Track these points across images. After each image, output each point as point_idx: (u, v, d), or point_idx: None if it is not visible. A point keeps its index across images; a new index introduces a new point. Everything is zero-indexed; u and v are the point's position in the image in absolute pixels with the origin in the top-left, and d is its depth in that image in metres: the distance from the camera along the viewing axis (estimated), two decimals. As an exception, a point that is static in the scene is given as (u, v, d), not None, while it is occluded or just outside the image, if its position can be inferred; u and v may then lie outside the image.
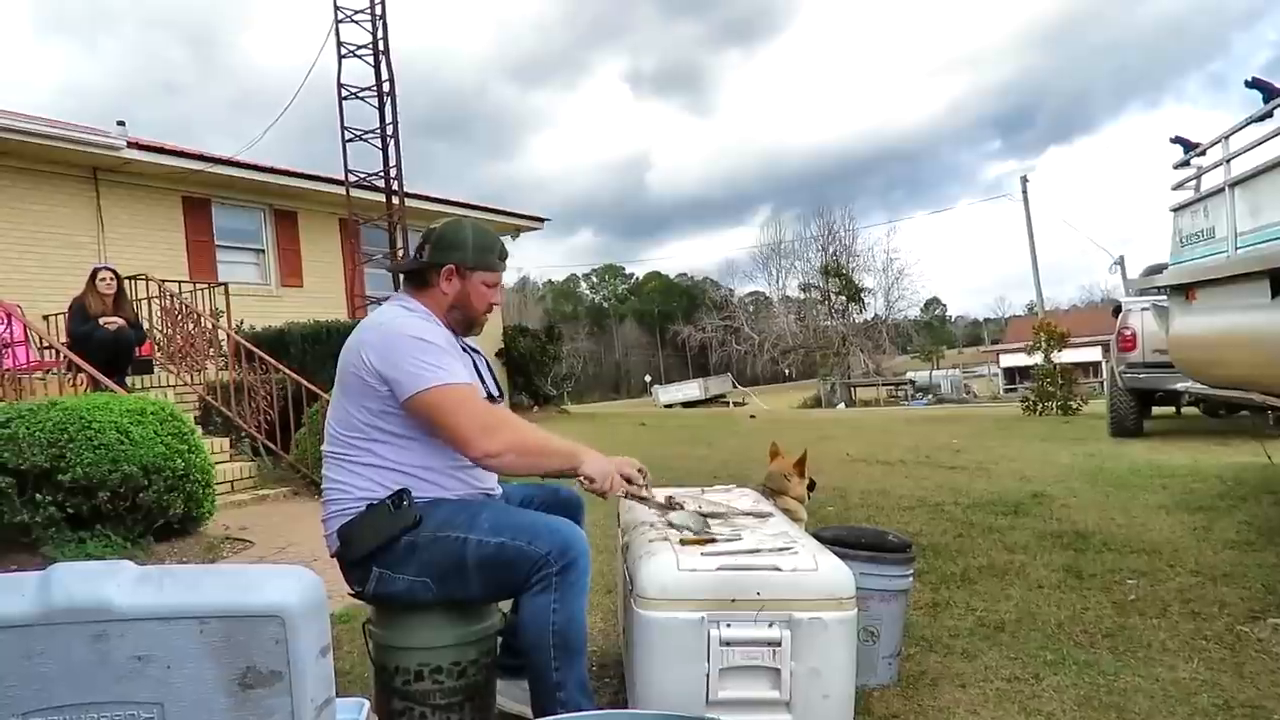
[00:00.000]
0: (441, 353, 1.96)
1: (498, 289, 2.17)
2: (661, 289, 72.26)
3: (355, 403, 2.00)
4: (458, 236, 2.10)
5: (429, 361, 1.93)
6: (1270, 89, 3.76)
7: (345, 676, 2.64)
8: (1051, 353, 12.94)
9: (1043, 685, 2.42)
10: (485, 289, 2.12)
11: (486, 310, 2.15)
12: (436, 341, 1.98)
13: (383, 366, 1.94)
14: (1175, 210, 4.67)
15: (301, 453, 7.14)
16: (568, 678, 1.88)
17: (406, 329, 1.98)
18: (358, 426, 2.00)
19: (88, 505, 4.50)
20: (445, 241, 2.10)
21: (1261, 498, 4.84)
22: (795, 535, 2.11)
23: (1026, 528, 4.35)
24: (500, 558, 1.89)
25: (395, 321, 2.01)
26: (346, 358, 2.03)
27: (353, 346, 2.02)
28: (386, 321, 2.03)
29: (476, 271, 2.10)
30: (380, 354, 1.95)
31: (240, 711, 1.23)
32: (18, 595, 1.21)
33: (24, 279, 8.95)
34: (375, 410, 1.98)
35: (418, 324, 2.01)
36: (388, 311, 2.09)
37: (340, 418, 2.04)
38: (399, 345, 1.95)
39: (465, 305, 2.11)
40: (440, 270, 2.09)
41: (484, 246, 2.12)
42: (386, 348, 1.95)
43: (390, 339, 1.97)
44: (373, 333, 2.01)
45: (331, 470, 2.05)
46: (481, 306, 2.14)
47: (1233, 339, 3.92)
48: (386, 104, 11.10)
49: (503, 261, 2.17)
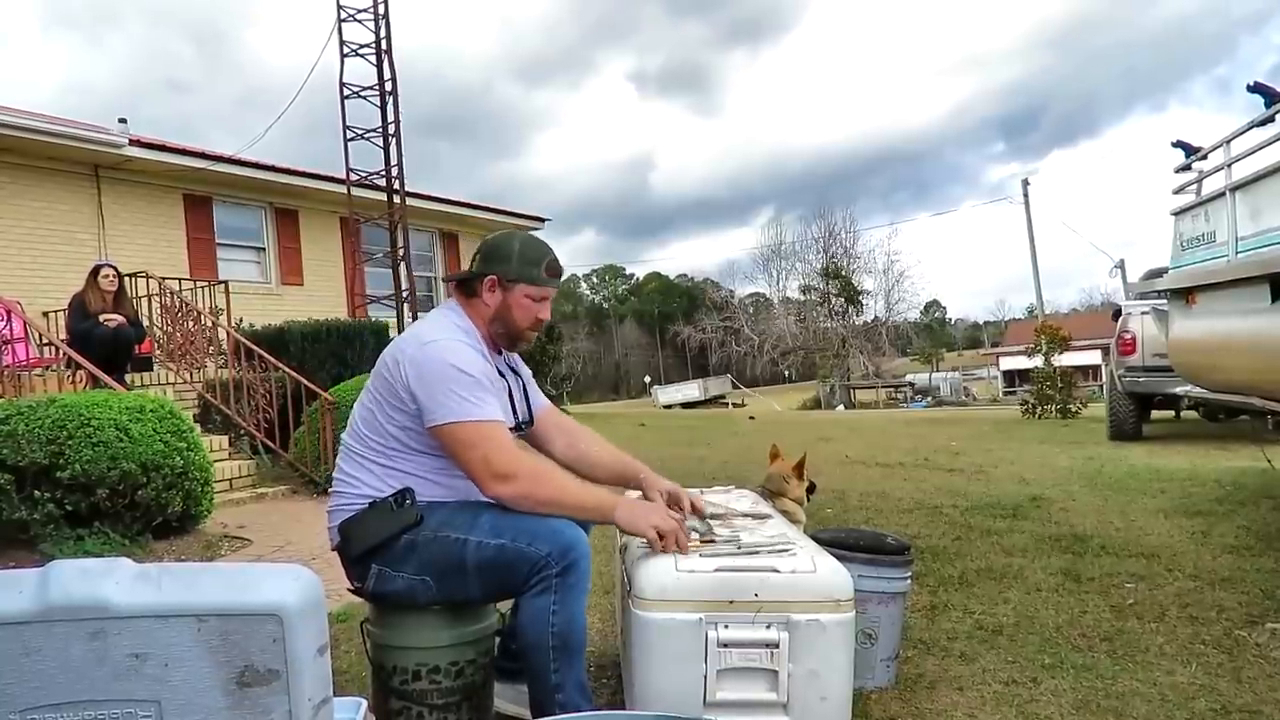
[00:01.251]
0: (476, 385, 1.93)
1: (545, 303, 2.10)
2: (661, 289, 72.29)
3: (383, 408, 2.00)
4: (504, 248, 2.08)
5: (462, 394, 1.91)
6: (1272, 93, 3.76)
7: (343, 676, 2.63)
8: (1051, 356, 12.94)
9: (1040, 689, 2.42)
10: (529, 303, 2.07)
11: (531, 325, 2.11)
12: (473, 373, 1.94)
13: (416, 387, 1.93)
14: (1176, 214, 4.67)
15: (300, 451, 7.14)
16: (566, 679, 1.88)
17: (448, 355, 1.94)
18: (382, 431, 2.00)
19: (86, 503, 4.49)
20: (491, 252, 2.08)
21: (1260, 502, 4.84)
22: (794, 537, 2.11)
23: (1025, 531, 4.35)
24: (500, 559, 1.89)
25: (440, 343, 1.96)
26: (386, 362, 2.01)
27: (394, 354, 2.00)
28: (431, 340, 1.98)
29: (519, 284, 2.06)
30: (417, 374, 1.93)
31: (238, 710, 1.23)
32: (15, 593, 1.21)
33: (24, 275, 8.96)
34: (400, 423, 1.98)
35: (461, 351, 1.96)
36: (437, 326, 2.05)
37: (366, 417, 2.04)
38: (437, 371, 1.92)
39: (506, 318, 2.08)
40: (484, 281, 2.07)
41: (529, 259, 2.06)
42: (424, 370, 1.93)
43: (430, 363, 1.94)
44: (416, 349, 1.97)
45: (346, 463, 2.06)
46: (524, 321, 2.09)
47: (1233, 343, 3.92)
48: (388, 103, 11.10)
49: (553, 276, 2.10)
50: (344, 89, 11.08)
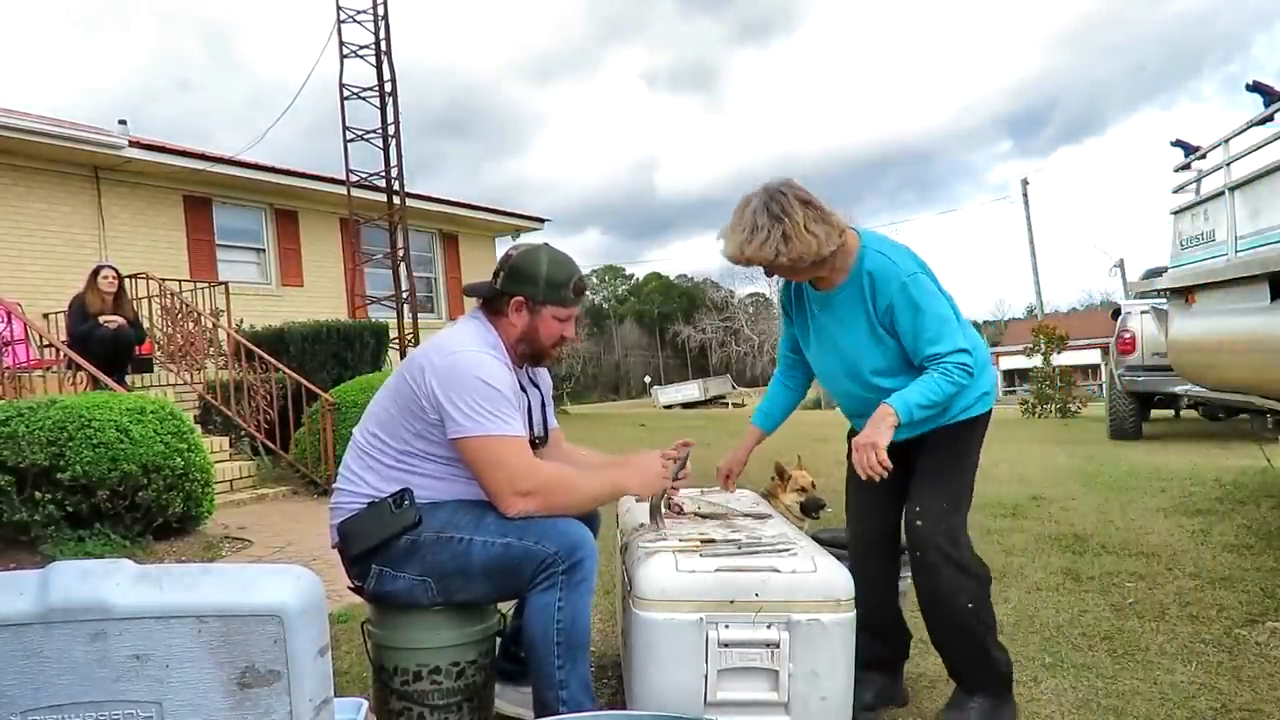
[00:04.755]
0: (503, 400, 1.93)
1: (570, 322, 2.12)
2: (661, 290, 72.23)
3: (402, 414, 1.99)
4: (531, 269, 2.05)
5: (487, 409, 1.90)
6: (1271, 92, 3.76)
7: (344, 676, 2.64)
8: (1050, 355, 12.95)
9: (1041, 688, 2.42)
10: (555, 323, 2.08)
11: (556, 344, 2.12)
12: (500, 388, 1.94)
13: (442, 398, 1.91)
14: (1175, 213, 4.68)
15: (301, 452, 7.14)
16: (571, 677, 1.88)
17: (475, 369, 1.93)
18: (396, 435, 1.99)
19: (87, 504, 4.50)
20: (518, 271, 2.05)
21: (1260, 501, 4.84)
22: (794, 536, 2.11)
23: (1025, 530, 4.36)
24: (507, 557, 1.89)
25: (467, 355, 1.96)
26: (410, 369, 2.00)
27: (420, 361, 1.99)
28: (459, 351, 1.97)
29: (547, 306, 2.06)
30: (443, 385, 1.92)
31: (238, 711, 1.23)
32: (16, 594, 1.21)
33: (24, 277, 8.96)
34: (415, 430, 1.97)
35: (489, 364, 1.96)
36: (465, 337, 2.03)
37: (382, 418, 2.03)
38: (464, 384, 1.91)
39: (533, 339, 2.08)
40: (511, 300, 2.06)
41: (557, 280, 2.06)
42: (451, 381, 1.92)
43: (458, 374, 1.92)
44: (443, 359, 1.96)
45: (353, 460, 2.05)
46: (550, 340, 2.10)
47: (1232, 342, 3.92)
48: (388, 104, 11.09)
49: (579, 295, 2.11)
50: (344, 90, 11.08)
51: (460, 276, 14.54)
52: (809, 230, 1.99)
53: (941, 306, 2.06)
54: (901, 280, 2.04)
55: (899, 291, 2.04)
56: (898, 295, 2.04)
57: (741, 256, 2.06)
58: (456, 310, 14.19)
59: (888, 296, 2.05)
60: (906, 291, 2.03)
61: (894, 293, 2.04)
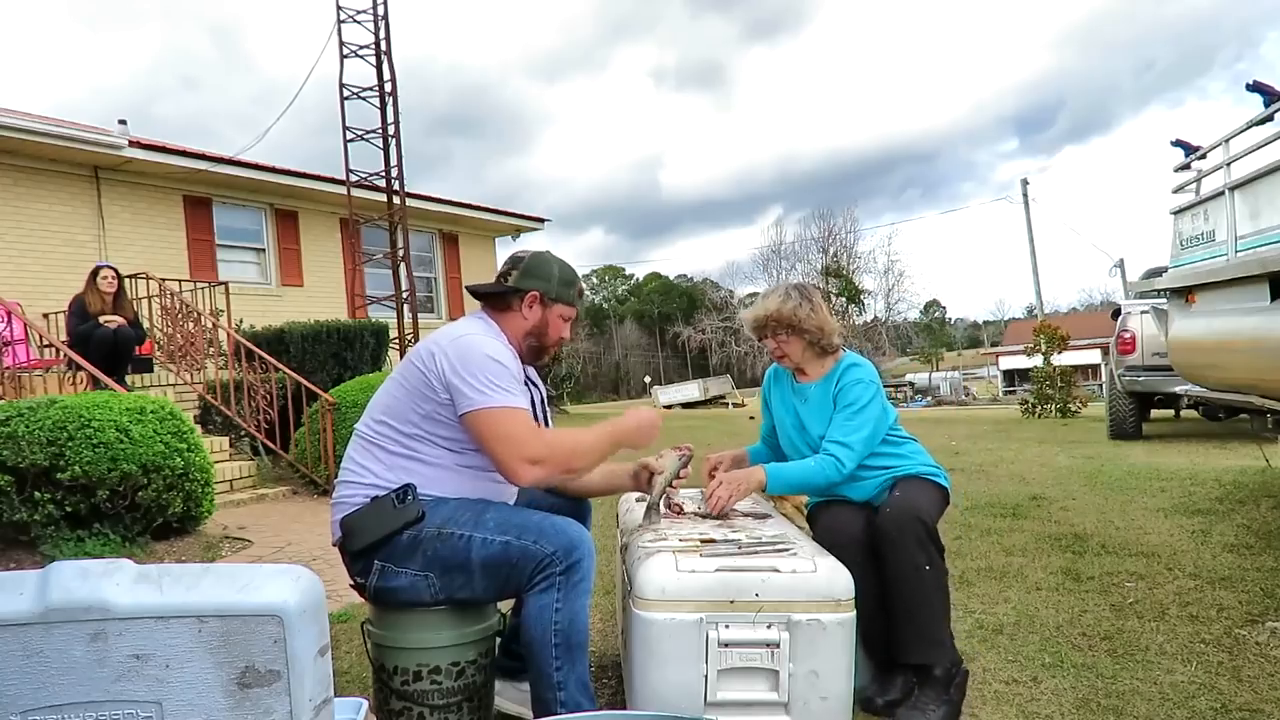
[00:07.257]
0: (509, 376, 2.01)
1: (570, 324, 2.25)
2: (661, 290, 72.22)
3: (410, 396, 2.03)
4: (545, 267, 2.19)
5: (496, 383, 1.96)
6: (1271, 92, 3.76)
7: (344, 676, 2.64)
8: (1051, 355, 12.95)
9: (1041, 688, 2.42)
10: (561, 321, 2.21)
11: (557, 343, 2.23)
12: (508, 365, 2.02)
13: (452, 375, 1.97)
14: (1175, 213, 4.67)
15: (301, 452, 7.14)
16: (569, 677, 1.88)
17: (484, 347, 2.02)
18: (404, 418, 2.03)
19: (87, 504, 4.50)
20: (532, 269, 2.18)
21: (1260, 501, 4.84)
22: (794, 537, 2.11)
23: (1025, 530, 4.35)
24: (505, 556, 1.90)
25: (475, 336, 2.05)
26: (419, 354, 2.06)
27: (429, 347, 2.05)
28: (466, 334, 2.06)
29: (558, 304, 2.19)
30: (453, 363, 1.98)
31: (238, 711, 1.23)
32: (16, 594, 1.21)
33: (24, 277, 8.96)
34: (424, 411, 2.01)
35: (495, 345, 2.05)
36: (471, 325, 2.13)
37: (389, 404, 2.06)
38: (473, 359, 1.98)
39: (541, 334, 2.19)
40: (524, 296, 2.15)
41: (567, 280, 2.20)
42: (461, 358, 1.98)
43: (467, 351, 2.00)
44: (451, 342, 2.03)
45: (356, 452, 2.07)
46: (555, 337, 2.22)
47: (1232, 342, 3.92)
48: (388, 104, 11.09)
49: (580, 297, 2.25)
50: (344, 90, 11.08)
51: (460, 276, 14.54)
52: (827, 314, 2.53)
53: (867, 419, 2.44)
54: (862, 381, 2.48)
55: (853, 384, 2.47)
56: (851, 387, 2.47)
57: (769, 314, 2.51)
58: (456, 310, 14.20)
59: (845, 385, 2.48)
60: (855, 390, 2.46)
61: (848, 383, 2.48)
